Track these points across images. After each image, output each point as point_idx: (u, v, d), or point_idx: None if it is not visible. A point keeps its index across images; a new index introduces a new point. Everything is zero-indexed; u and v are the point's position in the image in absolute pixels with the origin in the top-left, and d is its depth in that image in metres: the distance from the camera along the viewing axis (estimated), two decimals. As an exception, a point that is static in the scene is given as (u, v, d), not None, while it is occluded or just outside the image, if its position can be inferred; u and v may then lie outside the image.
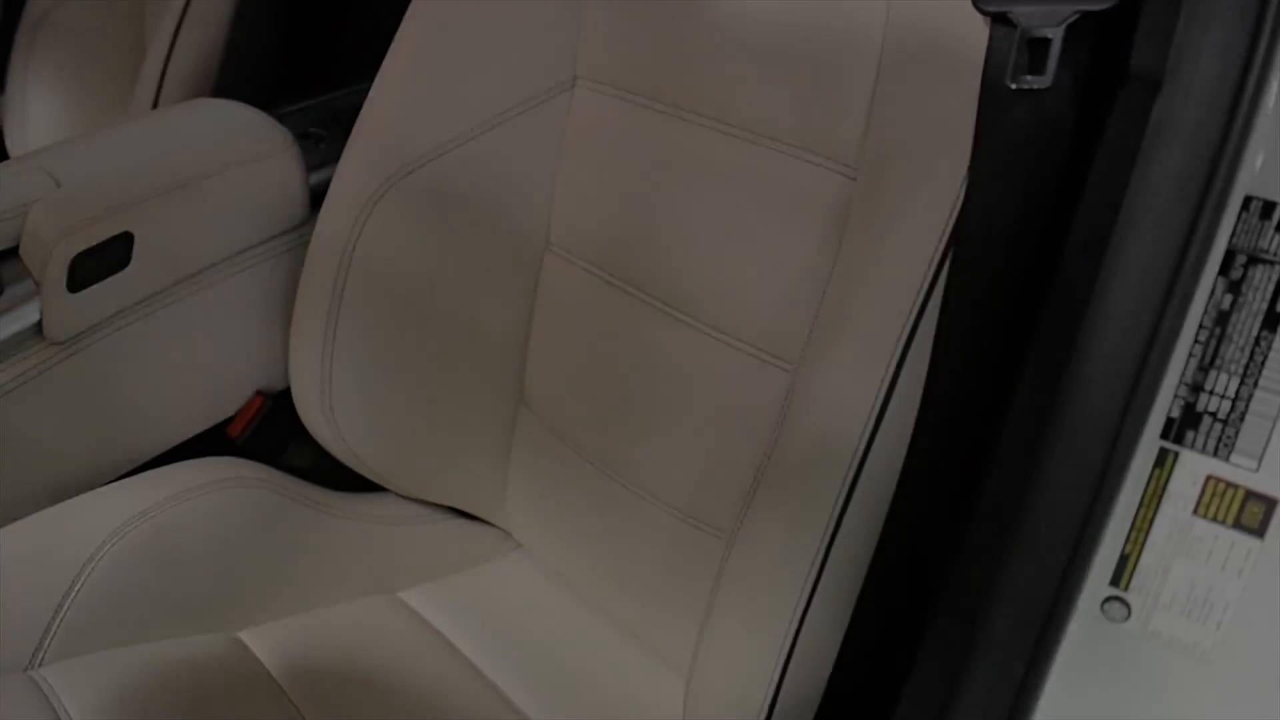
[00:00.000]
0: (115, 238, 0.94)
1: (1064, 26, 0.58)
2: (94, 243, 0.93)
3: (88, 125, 1.60)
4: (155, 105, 1.31)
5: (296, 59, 1.41)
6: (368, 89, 0.99)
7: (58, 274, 0.92)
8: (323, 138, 1.16)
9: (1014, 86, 0.59)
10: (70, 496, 0.95)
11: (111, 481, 0.98)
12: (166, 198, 0.97)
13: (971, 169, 0.62)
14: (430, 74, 0.92)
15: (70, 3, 1.61)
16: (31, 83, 1.62)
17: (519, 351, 1.01)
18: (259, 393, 1.07)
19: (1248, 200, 0.51)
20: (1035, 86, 0.58)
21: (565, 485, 0.98)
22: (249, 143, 1.03)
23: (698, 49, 0.83)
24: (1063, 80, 0.59)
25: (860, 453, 0.68)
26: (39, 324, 0.94)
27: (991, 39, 0.61)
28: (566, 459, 0.97)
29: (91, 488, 0.97)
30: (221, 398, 1.06)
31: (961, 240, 0.62)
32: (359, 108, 0.98)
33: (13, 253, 0.97)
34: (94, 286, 0.94)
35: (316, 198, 1.06)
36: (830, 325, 0.72)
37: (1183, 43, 0.50)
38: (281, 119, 1.18)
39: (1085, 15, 0.58)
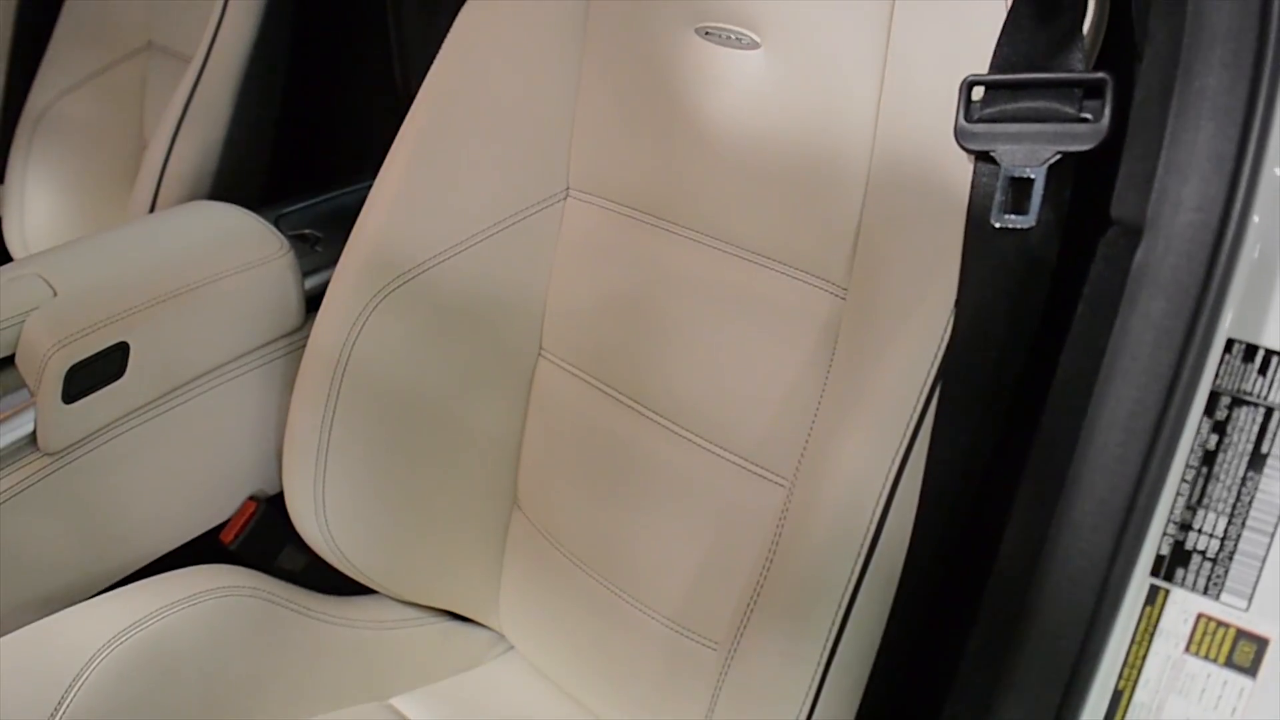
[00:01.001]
0: (111, 348, 0.95)
1: (1046, 167, 0.59)
2: (90, 354, 0.94)
3: (86, 219, 1.62)
4: (154, 204, 1.32)
5: (293, 159, 1.43)
6: (363, 189, 1.00)
7: (53, 385, 0.92)
8: (318, 239, 1.17)
9: (998, 225, 0.60)
10: (61, 606, 0.94)
11: (104, 590, 0.98)
12: (163, 307, 0.98)
13: (958, 302, 0.62)
14: (425, 184, 0.93)
15: (72, 95, 1.63)
16: (31, 175, 1.63)
17: (512, 456, 1.01)
18: (252, 497, 1.07)
19: (1230, 343, 0.52)
20: (1019, 226, 0.59)
21: (558, 590, 0.98)
22: (245, 249, 1.04)
23: (686, 165, 0.84)
24: (1046, 217, 0.60)
25: (856, 577, 0.68)
26: (33, 434, 0.94)
27: (976, 174, 0.62)
28: (559, 563, 0.97)
29: (83, 597, 0.97)
30: (215, 503, 1.06)
31: (949, 374, 0.63)
32: (354, 208, 0.99)
33: (8, 361, 0.98)
34: (89, 397, 0.94)
35: (312, 301, 1.07)
36: (824, 447, 0.72)
37: (1162, 192, 0.51)
38: (278, 220, 1.20)
39: (1067, 155, 0.59)
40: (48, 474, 0.94)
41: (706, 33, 0.80)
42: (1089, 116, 0.58)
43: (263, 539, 1.06)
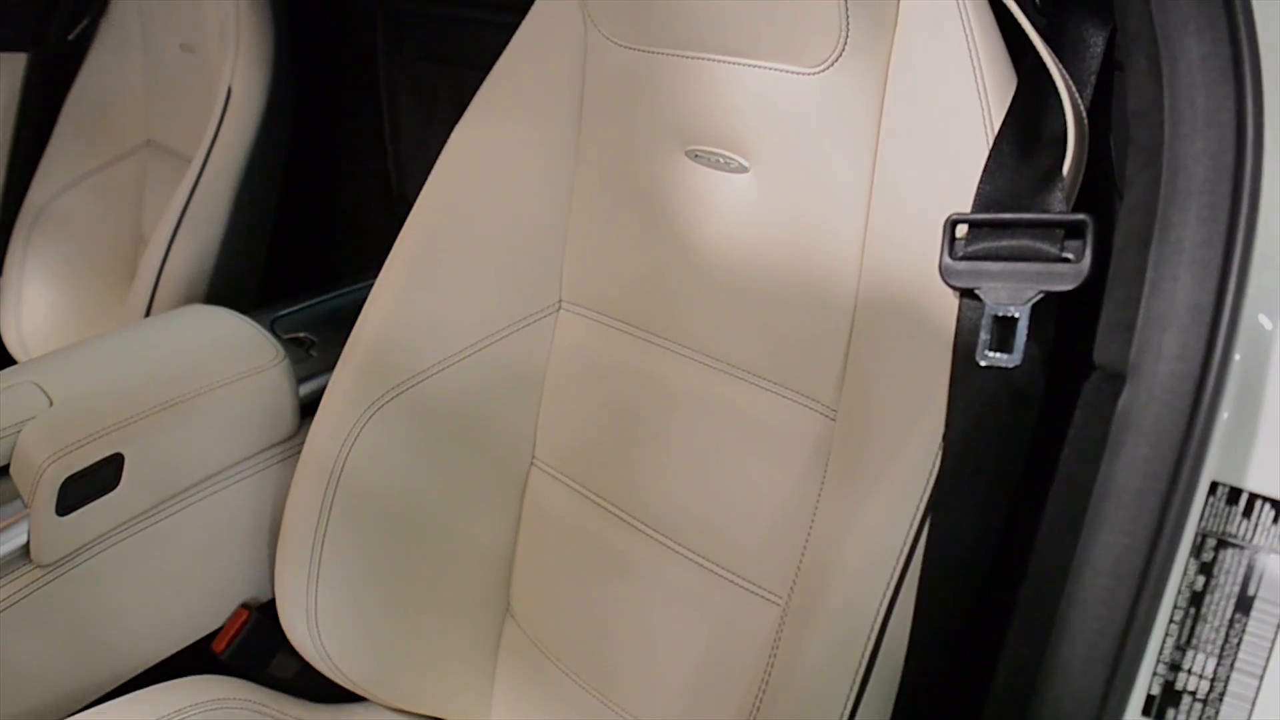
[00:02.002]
0: (106, 459, 0.95)
1: (1030, 305, 0.60)
2: (84, 465, 0.94)
3: (83, 314, 1.63)
4: (150, 304, 1.33)
5: (288, 260, 1.44)
6: (357, 290, 1.02)
7: (47, 497, 0.93)
8: (313, 343, 1.18)
9: (983, 364, 0.61)
10: (52, 718, 0.93)
11: (95, 701, 0.97)
12: (158, 417, 0.98)
13: (946, 435, 0.63)
14: (420, 298, 0.94)
15: (71, 192, 1.65)
16: (29, 270, 1.65)
17: (505, 565, 1.01)
18: (244, 605, 1.07)
19: (1214, 486, 0.52)
20: (1004, 365, 0.60)
21: (550, 700, 0.97)
22: (240, 357, 1.05)
23: (676, 282, 0.85)
24: (1030, 353, 0.61)
25: (853, 698, 0.68)
26: (26, 546, 0.94)
27: (961, 310, 0.63)
28: (551, 674, 0.97)
29: (75, 709, 0.96)
30: (207, 612, 1.05)
31: (939, 505, 0.63)
32: (349, 309, 1.00)
33: (3, 471, 0.98)
34: (83, 509, 0.94)
35: (307, 408, 1.07)
36: (818, 569, 0.72)
37: (1143, 342, 0.52)
38: (273, 323, 1.21)
39: (1050, 293, 0.60)
40: (40, 586, 0.94)
41: (696, 155, 0.82)
42: (1070, 257, 0.60)
43: (255, 647, 1.05)
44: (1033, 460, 0.64)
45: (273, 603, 1.03)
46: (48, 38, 1.71)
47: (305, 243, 1.47)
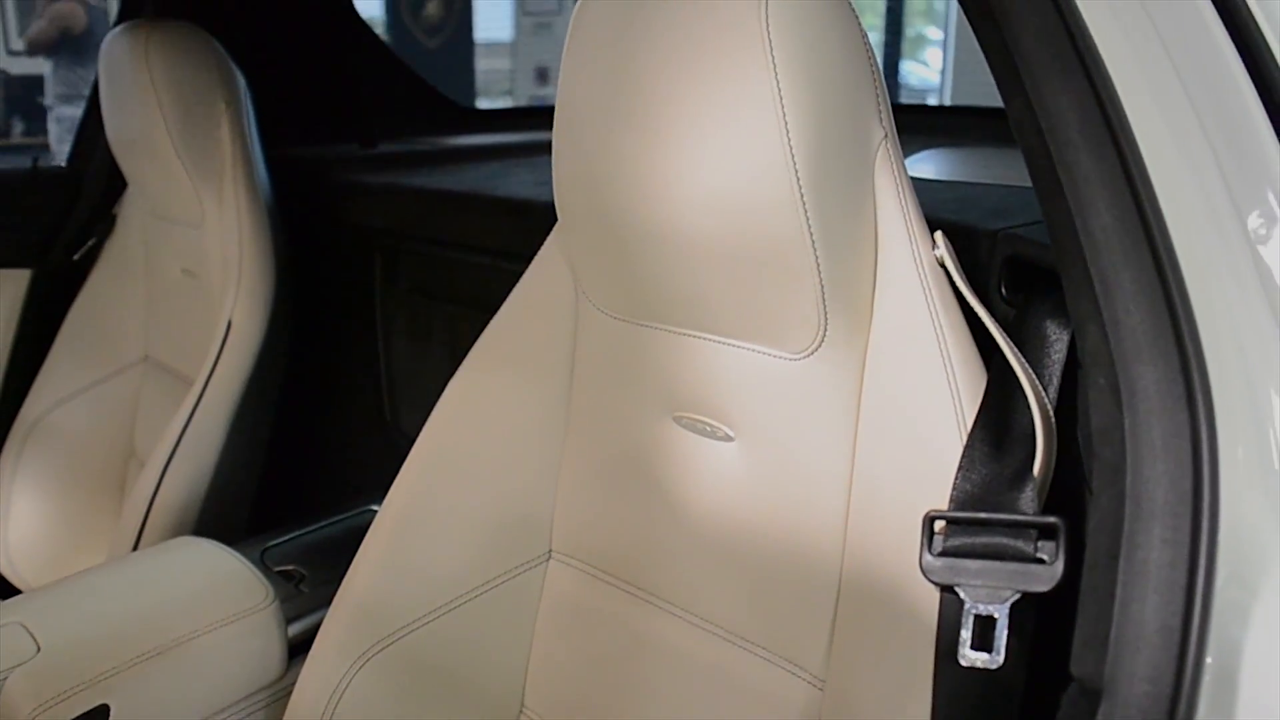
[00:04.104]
0: (92, 711, 0.95)
1: (1008, 605, 0.62)
2: (70, 717, 0.94)
3: (71, 529, 1.63)
4: (142, 528, 1.34)
5: (280, 487, 1.46)
6: (348, 518, 1.03)
7: (31, 752, 0.92)
8: (303, 577, 1.18)
9: (965, 665, 0.63)
10: None
11: None
12: (146, 665, 0.98)
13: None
14: (412, 547, 0.96)
15: (65, 406, 1.67)
16: (19, 484, 1.66)
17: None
18: None
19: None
20: (986, 666, 0.62)
21: None
22: (230, 599, 1.05)
23: (664, 542, 0.88)
24: (1011, 645, 0.63)
25: None
26: (7, 800, 0.93)
27: (942, 605, 0.65)
28: None
29: None
30: None
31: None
32: (340, 538, 1.02)
33: (-12, 718, 0.97)
34: (67, 763, 0.93)
35: (297, 647, 1.08)
36: None
37: (1116, 661, 0.54)
38: (263, 553, 1.22)
39: (1027, 593, 0.63)
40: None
41: (683, 422, 0.85)
42: (1045, 558, 0.62)
43: None
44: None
45: None
46: (52, 256, 1.77)
47: (298, 469, 1.49)
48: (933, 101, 7.65)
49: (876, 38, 7.67)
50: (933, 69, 8.04)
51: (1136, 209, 0.59)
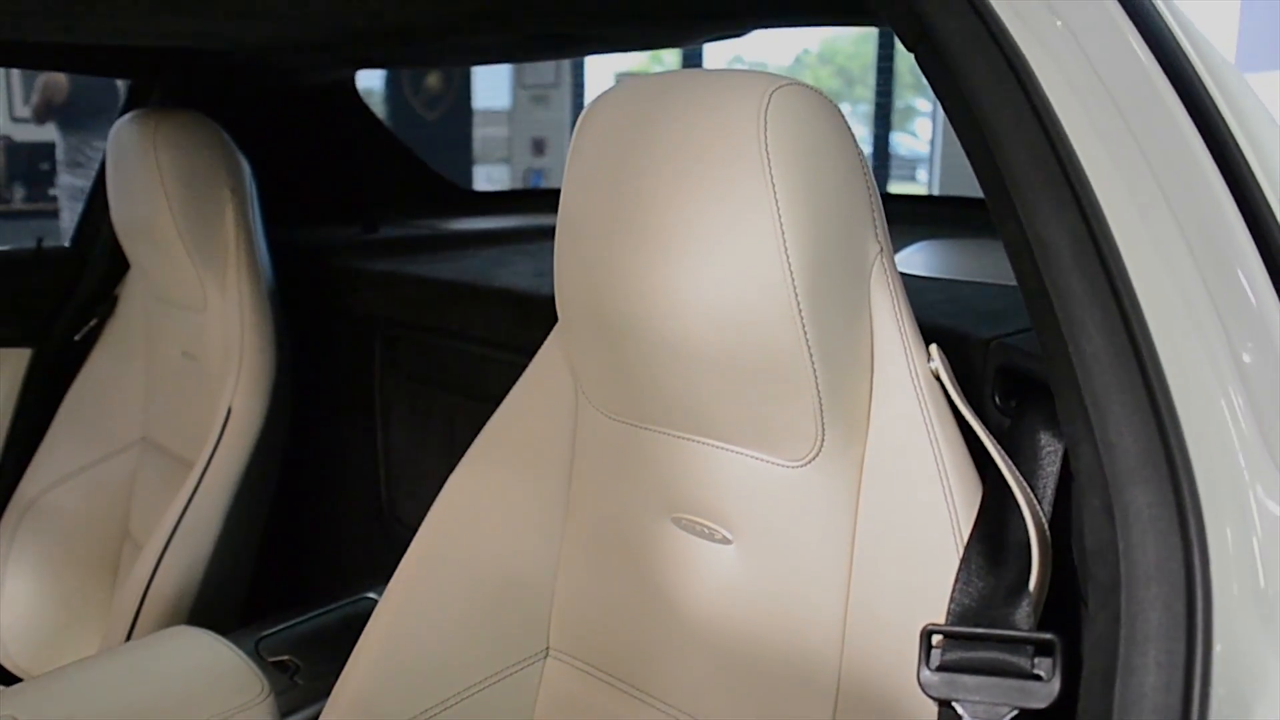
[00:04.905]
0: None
1: (1007, 721, 0.63)
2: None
3: (64, 609, 1.62)
4: (137, 615, 1.33)
5: (276, 575, 1.46)
6: (343, 607, 1.03)
7: None
8: (298, 668, 1.18)
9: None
10: None
11: None
12: (139, 766, 0.97)
13: None
14: (409, 643, 0.96)
15: (62, 487, 1.67)
16: (12, 564, 1.65)
17: None
18: None
19: None
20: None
21: None
22: (224, 694, 1.05)
23: (661, 642, 0.88)
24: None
25: None
26: None
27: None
28: None
29: None
30: None
31: None
32: (334, 627, 1.02)
33: (-24, 819, 0.96)
34: None
35: (290, 743, 1.07)
36: None
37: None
38: (258, 643, 1.22)
39: (1024, 711, 0.63)
40: None
41: (682, 524, 0.86)
42: (1041, 675, 0.63)
43: None
44: None
45: None
46: (53, 335, 1.78)
47: (294, 554, 1.49)
48: (922, 171, 7.75)
49: (866, 109, 7.79)
50: (922, 139, 8.15)
51: (1127, 333, 0.60)
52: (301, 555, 1.50)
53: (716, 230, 0.72)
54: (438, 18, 1.23)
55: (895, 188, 7.45)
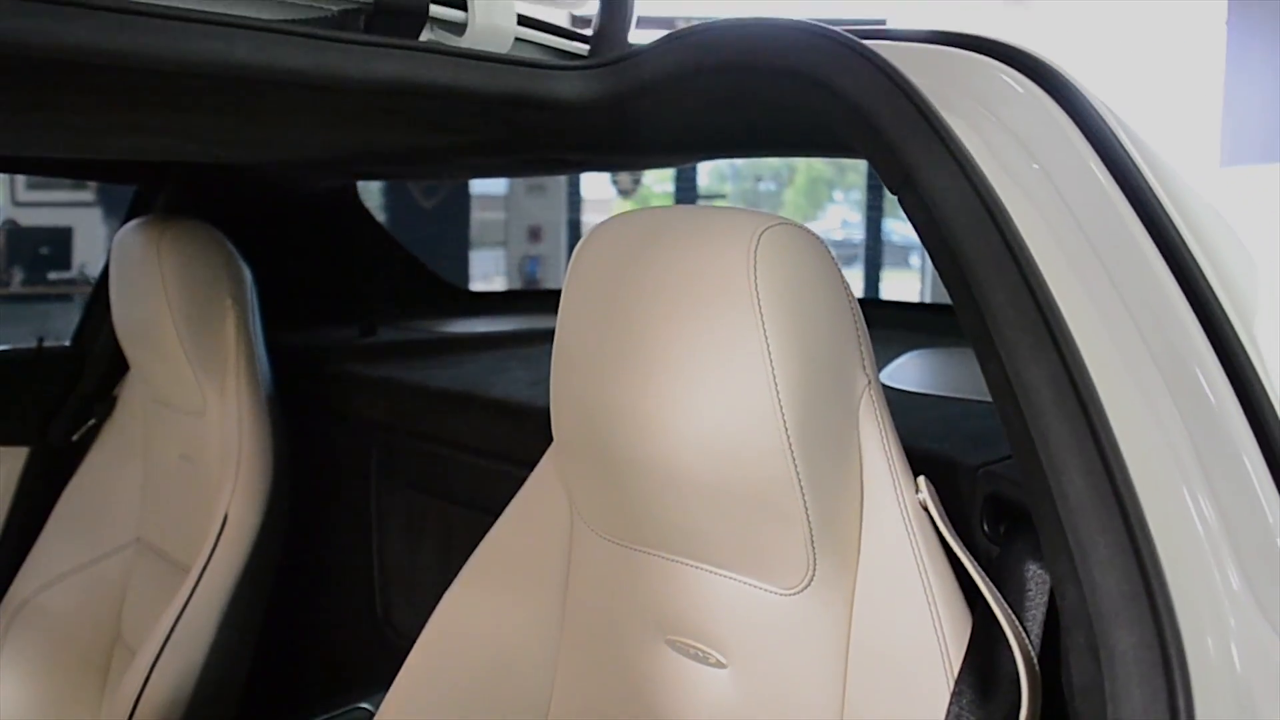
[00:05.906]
0: None
1: None
2: None
3: (53, 713, 1.61)
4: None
5: (269, 682, 1.46)
6: (336, 716, 1.02)
7: None
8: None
9: None
10: None
11: None
12: None
13: None
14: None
15: (54, 588, 1.67)
16: (4, 666, 1.64)
17: None
18: None
19: None
20: None
21: None
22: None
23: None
24: None
25: None
26: None
27: None
28: None
29: None
30: None
31: None
32: None
33: None
34: None
35: None
36: None
37: None
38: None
39: None
40: None
41: (675, 646, 0.87)
42: (1033, 813, 0.64)
43: None
44: None
45: None
46: (51, 435, 1.79)
47: (287, 662, 1.49)
48: (915, 257, 7.84)
49: (859, 196, 7.90)
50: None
51: (1108, 476, 0.62)
52: (295, 661, 1.49)
53: (708, 364, 0.74)
54: (433, 147, 1.27)
55: (889, 274, 7.52)
